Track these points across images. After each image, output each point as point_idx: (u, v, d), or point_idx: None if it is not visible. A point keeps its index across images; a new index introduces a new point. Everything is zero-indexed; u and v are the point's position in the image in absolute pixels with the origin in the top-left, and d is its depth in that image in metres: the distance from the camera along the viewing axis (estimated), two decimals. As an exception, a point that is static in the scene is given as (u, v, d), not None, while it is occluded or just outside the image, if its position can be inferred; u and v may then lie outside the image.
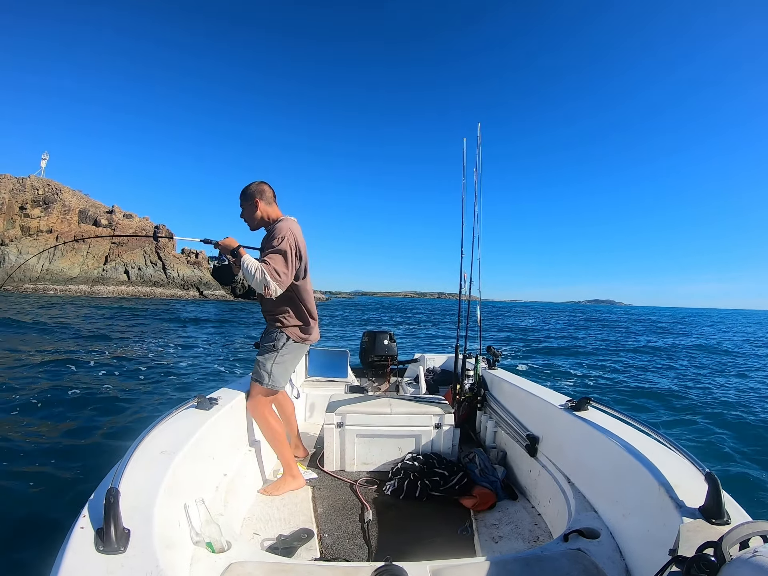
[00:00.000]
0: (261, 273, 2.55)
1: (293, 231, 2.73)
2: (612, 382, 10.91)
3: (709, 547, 1.13)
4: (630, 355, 17.59)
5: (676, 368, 13.98)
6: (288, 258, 2.65)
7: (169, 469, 1.70)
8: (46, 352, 11.45)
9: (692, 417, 7.30)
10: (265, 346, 2.88)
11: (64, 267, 64.83)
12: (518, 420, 3.23)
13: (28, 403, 6.55)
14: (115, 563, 1.18)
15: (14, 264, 59.46)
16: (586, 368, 13.39)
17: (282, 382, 2.89)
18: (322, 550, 2.28)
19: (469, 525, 2.54)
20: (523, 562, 1.64)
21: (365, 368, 5.90)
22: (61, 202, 70.81)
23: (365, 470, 3.26)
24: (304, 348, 3.02)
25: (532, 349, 18.78)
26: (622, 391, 9.50)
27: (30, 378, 8.30)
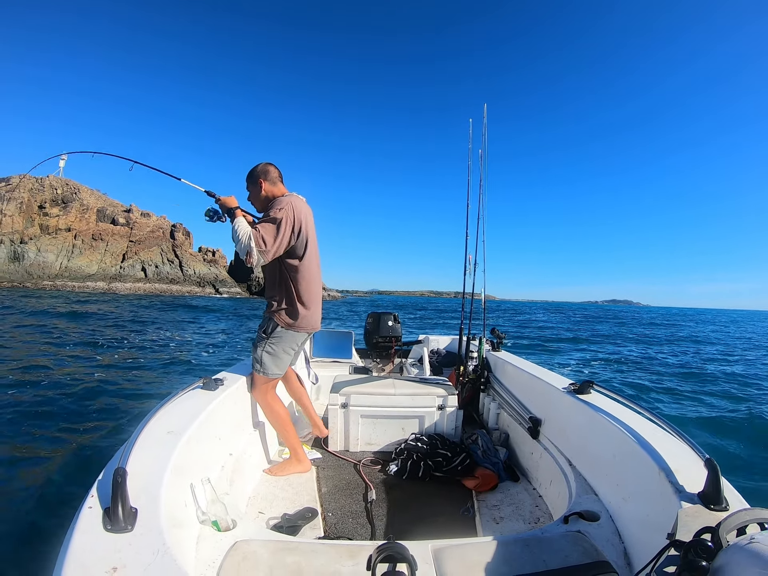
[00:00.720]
0: (248, 238, 2.44)
1: (295, 205, 2.61)
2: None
3: (706, 532, 1.14)
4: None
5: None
6: (280, 229, 2.51)
7: (175, 449, 1.72)
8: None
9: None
10: (258, 331, 2.82)
11: (83, 264, 66.49)
12: (521, 402, 3.24)
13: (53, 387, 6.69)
14: (123, 542, 1.20)
15: (33, 261, 61.92)
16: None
17: (275, 370, 2.76)
18: (326, 529, 2.32)
19: (471, 505, 2.57)
20: (523, 543, 1.67)
21: (369, 349, 5.93)
22: (79, 201, 72.22)
23: (369, 450, 3.30)
24: (299, 336, 2.82)
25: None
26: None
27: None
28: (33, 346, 11.07)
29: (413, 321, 33.17)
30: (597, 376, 9.89)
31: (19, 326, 15.32)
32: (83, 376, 7.80)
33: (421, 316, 40.63)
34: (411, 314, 44.57)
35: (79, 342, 12.19)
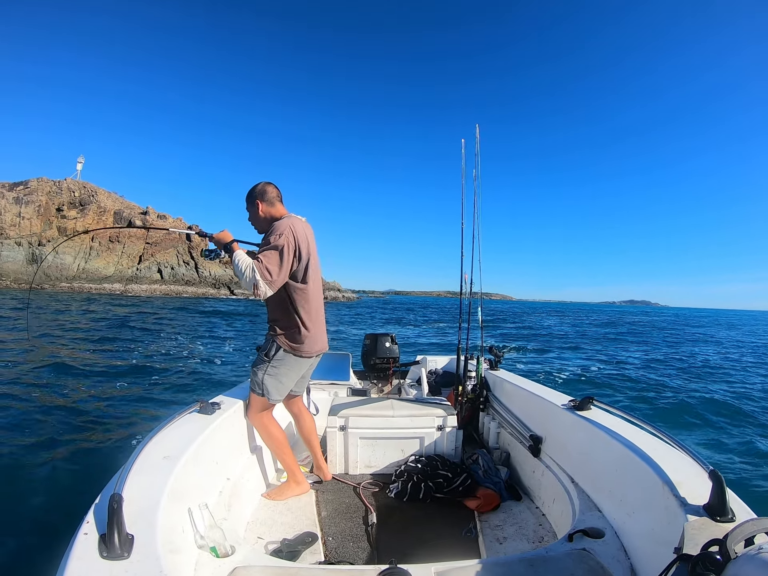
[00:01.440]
0: (251, 271, 2.39)
1: (294, 228, 2.56)
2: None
3: (714, 544, 1.12)
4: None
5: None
6: (283, 257, 2.47)
7: (172, 474, 1.70)
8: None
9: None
10: (259, 353, 2.76)
11: (100, 266, 67.41)
12: (521, 420, 3.22)
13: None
14: (119, 569, 1.18)
15: (51, 263, 62.76)
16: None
17: (275, 395, 2.70)
18: (327, 554, 2.27)
19: (473, 526, 2.53)
20: (527, 563, 1.64)
21: (367, 371, 5.89)
22: (96, 204, 73.40)
23: (368, 473, 3.26)
24: (302, 362, 2.76)
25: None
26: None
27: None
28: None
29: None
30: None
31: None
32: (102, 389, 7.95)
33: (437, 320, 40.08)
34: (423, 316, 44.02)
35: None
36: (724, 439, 6.33)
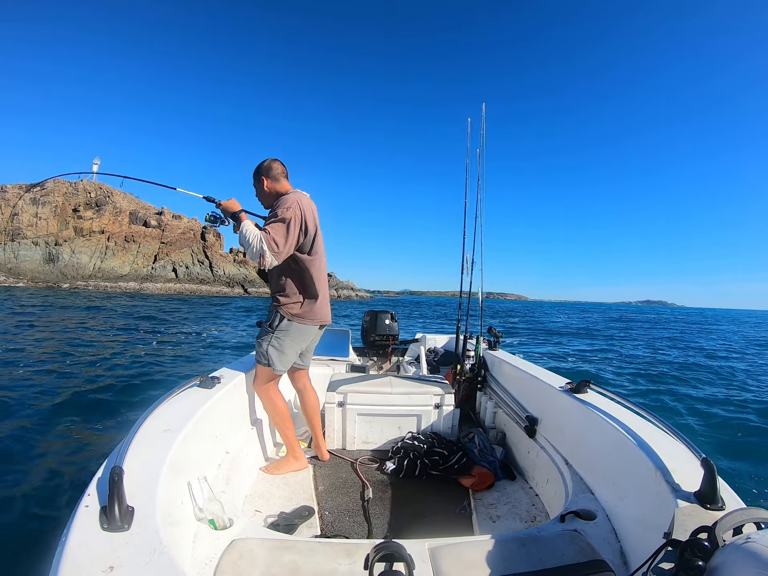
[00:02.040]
0: (259, 241, 2.43)
1: (301, 202, 2.60)
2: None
3: (703, 531, 1.14)
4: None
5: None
6: (290, 229, 2.51)
7: (172, 448, 1.71)
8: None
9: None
10: (264, 325, 2.81)
11: (115, 265, 69.02)
12: (518, 401, 3.25)
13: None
14: (120, 541, 1.20)
15: (68, 262, 64.96)
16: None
17: (279, 365, 2.74)
18: (323, 527, 2.32)
19: (468, 504, 2.58)
20: (519, 542, 1.67)
21: (367, 348, 5.92)
22: (112, 205, 74.75)
23: (366, 449, 3.30)
24: (306, 330, 2.79)
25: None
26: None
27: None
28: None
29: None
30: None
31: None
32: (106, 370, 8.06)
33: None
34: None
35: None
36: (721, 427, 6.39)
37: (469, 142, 4.60)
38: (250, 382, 2.90)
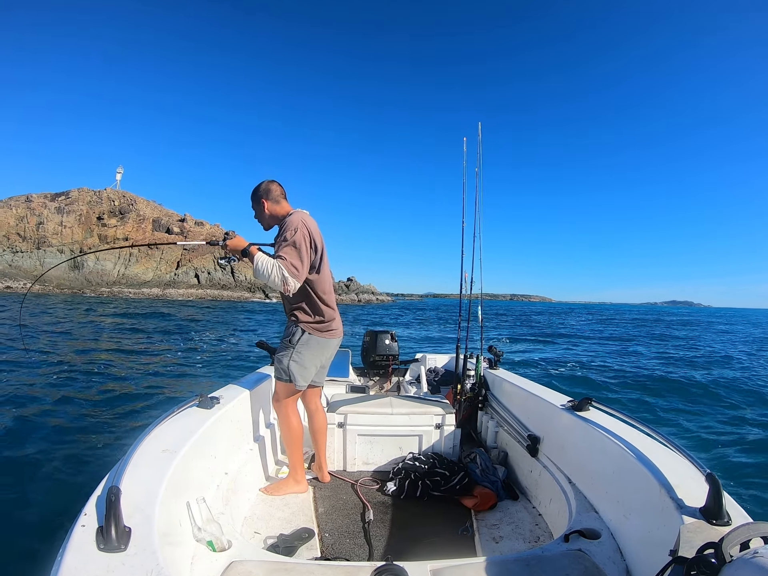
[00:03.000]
0: (278, 269, 2.45)
1: (306, 222, 2.65)
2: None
3: (709, 548, 1.12)
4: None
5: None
6: (303, 250, 2.56)
7: (170, 468, 1.70)
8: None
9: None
10: (282, 342, 2.82)
11: (139, 272, 71.39)
12: (519, 420, 3.23)
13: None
14: (116, 561, 1.18)
15: (92, 269, 67.83)
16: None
17: (301, 381, 2.75)
18: (323, 550, 2.28)
19: (470, 525, 2.54)
20: (523, 563, 1.64)
21: (367, 368, 5.89)
22: (136, 212, 78.02)
23: (366, 470, 3.26)
24: (325, 343, 2.83)
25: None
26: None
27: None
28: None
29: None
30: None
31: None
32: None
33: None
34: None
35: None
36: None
37: (466, 161, 4.64)
38: (249, 402, 2.89)
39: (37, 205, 73.43)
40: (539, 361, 14.28)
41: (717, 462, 5.43)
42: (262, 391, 3.14)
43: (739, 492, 4.45)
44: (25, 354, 10.64)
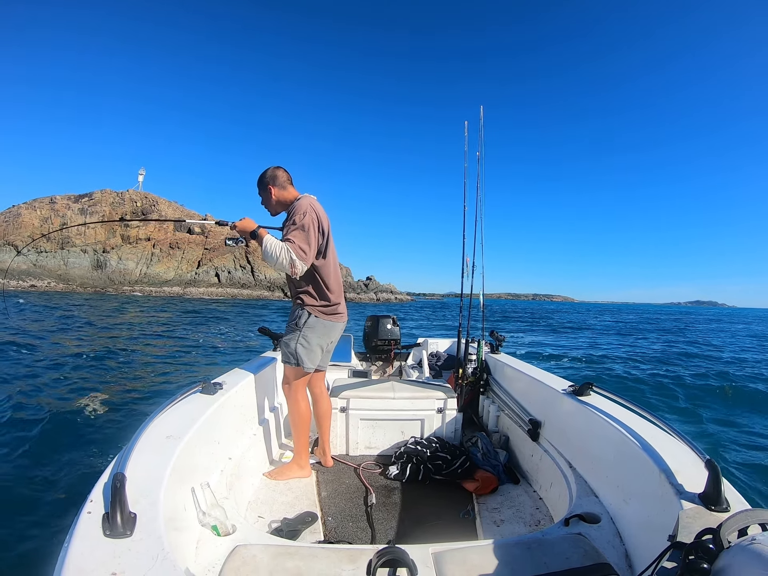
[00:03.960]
0: (286, 252, 2.47)
1: (314, 207, 2.67)
2: None
3: (707, 533, 1.13)
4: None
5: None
6: (311, 234, 2.58)
7: (174, 454, 1.71)
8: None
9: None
10: (289, 325, 2.84)
11: (160, 271, 73.22)
12: (521, 404, 3.24)
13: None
14: (122, 547, 1.19)
15: (115, 268, 70.30)
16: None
17: (308, 363, 2.77)
18: (326, 533, 2.31)
19: (471, 508, 2.57)
20: (524, 546, 1.66)
21: (368, 352, 5.91)
22: (157, 213, 79.00)
23: (369, 454, 3.29)
24: (331, 326, 2.85)
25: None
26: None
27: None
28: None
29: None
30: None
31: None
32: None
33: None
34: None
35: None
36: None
37: (467, 145, 4.61)
38: (252, 388, 2.90)
39: (61, 207, 75.93)
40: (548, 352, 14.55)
41: (722, 447, 5.46)
42: (266, 375, 3.16)
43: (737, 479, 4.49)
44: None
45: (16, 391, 6.48)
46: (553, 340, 20.74)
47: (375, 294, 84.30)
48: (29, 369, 8.13)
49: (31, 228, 71.35)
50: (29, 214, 74.11)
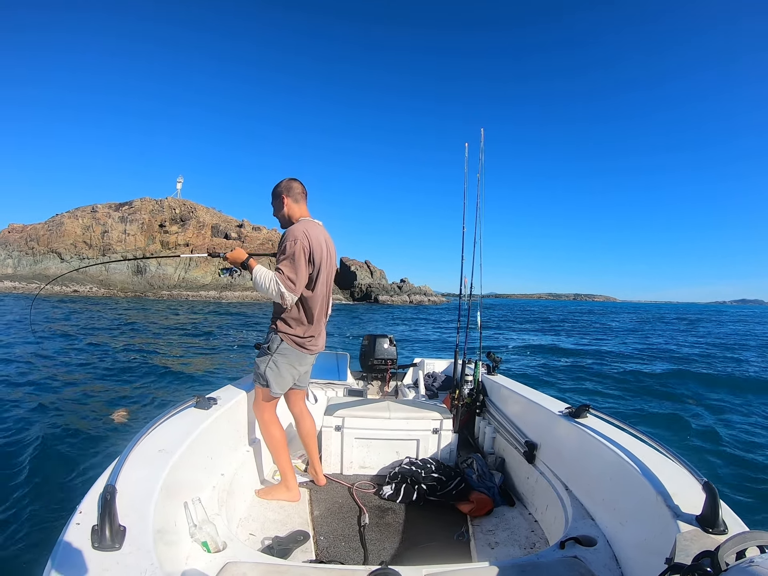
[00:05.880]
0: (275, 284, 2.45)
1: (308, 233, 2.59)
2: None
3: (705, 556, 1.12)
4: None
5: None
6: (300, 264, 2.52)
7: (166, 468, 1.70)
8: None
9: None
10: (261, 347, 2.80)
11: (198, 276, 76.01)
12: (517, 426, 3.22)
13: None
14: (111, 560, 1.18)
15: (154, 274, 73.30)
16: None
17: (276, 388, 2.71)
18: (318, 553, 2.27)
19: (466, 530, 2.53)
20: (519, 569, 1.64)
21: (365, 371, 5.89)
22: (196, 219, 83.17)
23: (363, 474, 3.25)
24: (302, 357, 2.77)
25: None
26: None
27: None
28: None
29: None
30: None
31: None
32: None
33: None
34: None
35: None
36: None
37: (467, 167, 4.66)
38: (246, 403, 2.88)
39: (102, 215, 79.24)
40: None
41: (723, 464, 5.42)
42: None
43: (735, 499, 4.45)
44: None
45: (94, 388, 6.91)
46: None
47: (408, 296, 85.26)
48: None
49: (74, 236, 74.99)
50: (71, 222, 77.28)
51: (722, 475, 5.26)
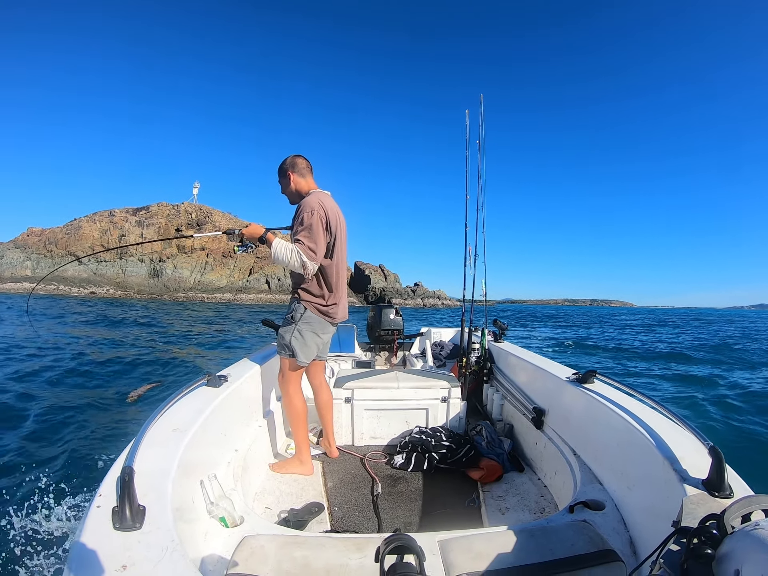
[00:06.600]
0: (297, 254, 2.49)
1: (323, 203, 2.64)
2: None
3: (711, 519, 1.14)
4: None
5: None
6: (319, 233, 2.57)
7: (181, 447, 1.72)
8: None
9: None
10: (285, 318, 2.84)
11: (213, 279, 78.17)
12: (525, 393, 3.25)
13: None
14: (132, 539, 1.21)
15: (170, 276, 75.95)
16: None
17: (302, 357, 2.77)
18: (333, 523, 2.33)
19: (476, 497, 2.59)
20: (529, 533, 1.67)
21: (372, 343, 5.92)
22: (211, 224, 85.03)
23: (374, 444, 3.31)
24: (325, 325, 2.83)
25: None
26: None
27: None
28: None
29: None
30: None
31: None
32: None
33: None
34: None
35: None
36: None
37: (468, 133, 4.58)
38: (257, 379, 2.92)
39: (119, 219, 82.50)
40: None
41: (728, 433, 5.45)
42: (270, 367, 3.17)
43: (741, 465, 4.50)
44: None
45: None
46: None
47: (422, 300, 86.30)
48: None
49: (92, 239, 77.90)
50: (89, 226, 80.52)
51: (728, 441, 5.30)
